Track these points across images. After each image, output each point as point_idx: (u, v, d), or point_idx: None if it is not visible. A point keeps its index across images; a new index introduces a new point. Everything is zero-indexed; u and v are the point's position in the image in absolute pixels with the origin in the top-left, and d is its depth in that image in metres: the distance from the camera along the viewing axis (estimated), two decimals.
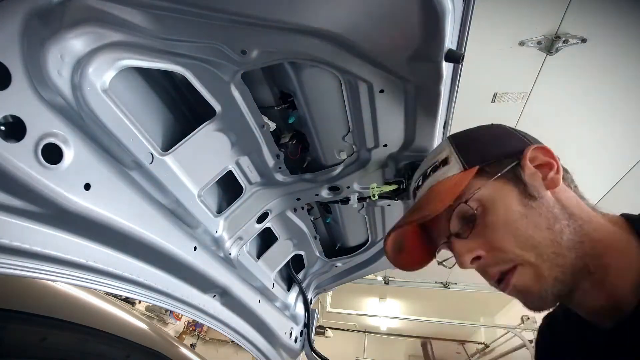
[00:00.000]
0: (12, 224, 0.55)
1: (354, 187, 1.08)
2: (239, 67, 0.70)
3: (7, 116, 0.48)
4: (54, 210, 0.57)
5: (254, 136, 0.89)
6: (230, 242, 1.06)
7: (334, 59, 0.66)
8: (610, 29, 2.03)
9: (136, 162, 0.71)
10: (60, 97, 0.57)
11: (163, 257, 0.81)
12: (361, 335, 8.15)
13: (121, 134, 0.66)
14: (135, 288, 0.80)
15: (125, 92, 0.72)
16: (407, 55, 0.63)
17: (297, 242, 1.33)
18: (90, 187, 0.61)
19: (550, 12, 2.01)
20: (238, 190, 1.04)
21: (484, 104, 2.68)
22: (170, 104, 0.86)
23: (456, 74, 0.79)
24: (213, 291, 1.05)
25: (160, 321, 5.90)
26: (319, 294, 1.67)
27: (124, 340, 1.27)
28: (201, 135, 0.82)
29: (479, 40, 2.18)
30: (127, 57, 0.64)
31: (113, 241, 0.71)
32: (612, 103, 2.45)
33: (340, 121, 0.88)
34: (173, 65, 0.71)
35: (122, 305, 1.46)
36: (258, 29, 0.60)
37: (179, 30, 0.63)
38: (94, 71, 0.60)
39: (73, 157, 0.57)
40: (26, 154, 0.50)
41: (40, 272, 0.60)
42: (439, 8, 0.54)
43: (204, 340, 7.04)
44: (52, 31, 0.53)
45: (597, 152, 2.82)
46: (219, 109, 0.80)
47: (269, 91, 0.84)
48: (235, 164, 0.96)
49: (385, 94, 0.75)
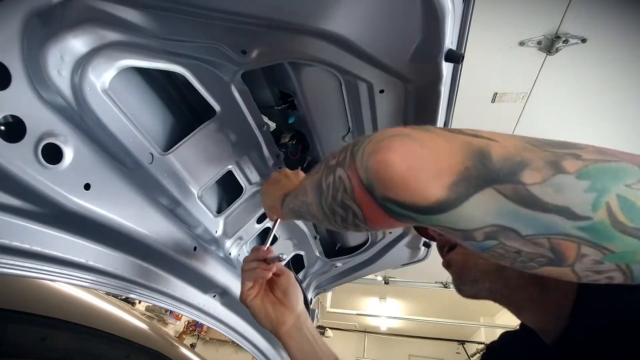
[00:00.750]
0: (12, 224, 0.55)
1: None
2: (239, 67, 0.70)
3: (7, 116, 0.48)
4: (54, 210, 0.57)
5: (254, 136, 0.89)
6: (230, 242, 1.06)
7: (334, 59, 0.66)
8: (610, 29, 2.03)
9: (136, 162, 0.71)
10: (60, 97, 0.57)
11: (163, 257, 0.81)
12: (361, 335, 8.15)
13: (121, 134, 0.66)
14: (135, 288, 0.80)
15: (125, 92, 0.72)
16: (407, 55, 0.63)
17: (297, 242, 1.33)
18: (90, 187, 0.61)
19: (550, 12, 2.01)
20: (238, 190, 1.04)
21: (484, 104, 2.68)
22: (170, 104, 0.86)
23: (456, 74, 0.79)
24: (213, 291, 1.05)
25: (160, 321, 5.90)
26: (319, 294, 1.67)
27: (124, 340, 1.27)
28: (201, 135, 0.82)
29: (479, 40, 2.18)
30: (127, 57, 0.64)
31: (113, 241, 0.71)
32: (612, 103, 2.45)
33: (340, 121, 0.88)
34: (173, 65, 0.71)
35: (122, 305, 1.47)
36: (258, 29, 0.60)
37: (179, 30, 0.63)
38: (94, 71, 0.60)
39: (73, 157, 0.57)
40: (26, 154, 0.50)
41: (40, 272, 0.60)
42: (439, 8, 0.54)
43: (204, 340, 7.04)
44: (52, 31, 0.54)
45: None
46: (218, 109, 0.80)
47: (269, 91, 0.84)
48: (235, 164, 0.96)
49: (385, 94, 0.75)
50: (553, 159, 0.31)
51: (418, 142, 0.34)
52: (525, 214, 0.30)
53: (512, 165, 0.31)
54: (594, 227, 0.29)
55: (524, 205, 0.30)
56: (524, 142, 0.33)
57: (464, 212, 0.32)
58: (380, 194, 0.35)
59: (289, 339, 0.80)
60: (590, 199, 0.29)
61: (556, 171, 0.30)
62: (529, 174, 0.30)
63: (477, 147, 0.33)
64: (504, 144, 0.32)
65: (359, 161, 0.38)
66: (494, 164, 0.31)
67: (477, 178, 0.31)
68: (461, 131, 0.35)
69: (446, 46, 0.61)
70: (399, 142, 0.35)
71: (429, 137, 0.35)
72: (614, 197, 0.29)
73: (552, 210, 0.30)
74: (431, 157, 0.33)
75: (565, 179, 0.30)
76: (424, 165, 0.33)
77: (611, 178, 0.29)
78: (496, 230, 0.32)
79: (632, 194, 0.29)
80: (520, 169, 0.30)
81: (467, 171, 0.32)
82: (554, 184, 0.30)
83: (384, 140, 0.36)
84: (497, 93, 2.60)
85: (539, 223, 0.30)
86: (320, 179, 0.47)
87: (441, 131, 0.36)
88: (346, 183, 0.40)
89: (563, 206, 0.29)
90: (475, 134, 0.34)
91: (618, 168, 0.30)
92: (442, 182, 0.32)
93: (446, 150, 0.33)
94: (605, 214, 0.29)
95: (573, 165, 0.30)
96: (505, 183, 0.31)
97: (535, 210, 0.30)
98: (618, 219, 0.29)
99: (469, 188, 0.31)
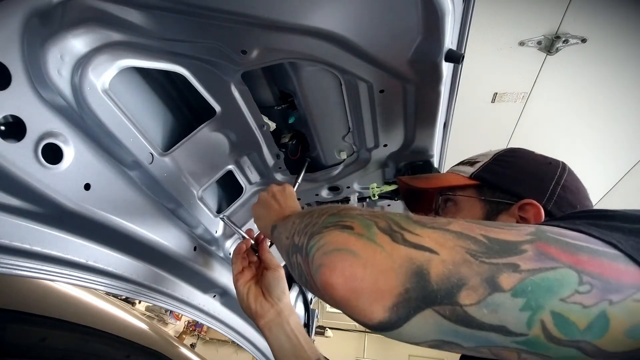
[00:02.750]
0: (12, 224, 0.55)
1: (354, 187, 1.08)
2: (239, 67, 0.70)
3: (7, 116, 0.49)
4: (54, 210, 0.57)
5: (254, 136, 0.89)
6: (230, 242, 1.06)
7: (334, 59, 0.66)
8: (610, 29, 2.03)
9: (136, 162, 0.71)
10: (60, 97, 0.57)
11: (163, 257, 0.81)
12: (361, 335, 8.15)
13: (121, 134, 0.66)
14: (135, 288, 0.80)
15: (125, 92, 0.72)
16: (407, 55, 0.63)
17: None
18: (90, 187, 0.61)
19: (550, 12, 2.01)
20: (238, 190, 1.04)
21: (484, 104, 2.68)
22: (170, 104, 0.86)
23: (456, 74, 0.79)
24: (213, 291, 1.05)
25: (160, 321, 5.90)
26: None
27: (124, 340, 1.27)
28: (201, 135, 0.82)
29: (479, 40, 2.19)
30: (127, 57, 0.64)
31: (113, 241, 0.71)
32: (612, 103, 2.46)
33: (340, 121, 0.88)
34: (173, 65, 0.71)
35: (122, 305, 1.46)
36: (258, 29, 0.60)
37: (179, 30, 0.63)
38: (94, 71, 0.60)
39: (73, 157, 0.57)
40: (26, 154, 0.50)
41: (40, 272, 0.60)
42: (439, 8, 0.54)
43: (204, 340, 7.04)
44: (52, 31, 0.53)
45: (597, 152, 2.82)
46: (218, 109, 0.80)
47: (269, 91, 0.84)
48: (235, 164, 0.96)
49: (385, 94, 0.75)
50: (489, 274, 0.32)
51: (361, 261, 0.36)
52: (464, 331, 0.32)
53: (449, 286, 0.32)
54: (530, 342, 0.31)
55: (462, 325, 0.32)
56: (464, 253, 0.34)
57: (406, 331, 0.34)
58: (331, 303, 0.38)
59: (267, 332, 0.83)
60: (524, 318, 0.30)
61: (492, 290, 0.31)
62: (466, 294, 0.32)
63: (417, 265, 0.34)
64: (443, 258, 0.33)
65: (312, 267, 0.40)
66: (432, 285, 0.33)
67: (416, 300, 0.33)
68: (404, 239, 0.36)
69: (446, 46, 0.61)
70: (342, 261, 0.36)
71: (372, 253, 0.36)
72: (547, 314, 0.30)
73: (489, 328, 0.31)
74: (372, 278, 0.34)
75: (501, 298, 0.31)
76: (365, 287, 0.35)
77: (546, 293, 0.30)
78: (439, 343, 0.35)
79: (566, 308, 0.30)
80: (457, 290, 0.32)
81: (406, 293, 0.33)
82: (490, 304, 0.31)
83: (329, 255, 0.38)
84: (497, 93, 2.60)
85: (478, 339, 0.32)
86: (288, 251, 0.52)
87: (386, 240, 0.37)
88: (306, 275, 0.44)
89: (498, 325, 0.31)
90: (418, 244, 0.35)
91: (555, 279, 0.31)
92: (382, 304, 0.34)
93: (388, 269, 0.34)
94: (539, 330, 0.30)
95: (509, 281, 0.31)
96: (443, 304, 0.32)
97: (473, 329, 0.32)
98: (553, 335, 0.30)
99: (409, 310, 0.33)
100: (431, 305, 0.32)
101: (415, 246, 0.35)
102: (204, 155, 0.86)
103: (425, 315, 0.33)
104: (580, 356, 0.30)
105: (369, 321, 0.35)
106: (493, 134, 2.98)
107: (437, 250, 0.34)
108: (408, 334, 0.34)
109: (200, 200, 0.89)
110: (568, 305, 0.30)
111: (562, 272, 0.31)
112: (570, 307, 0.30)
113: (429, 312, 0.33)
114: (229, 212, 1.03)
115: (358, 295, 0.35)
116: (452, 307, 0.32)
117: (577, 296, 0.30)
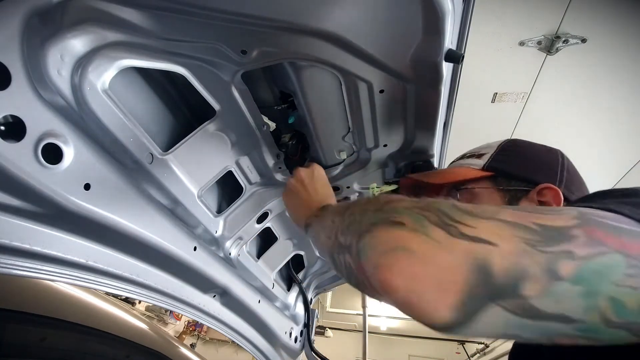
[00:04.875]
0: (12, 224, 0.55)
1: (354, 187, 1.08)
2: (239, 67, 0.70)
3: (7, 116, 0.49)
4: (54, 210, 0.57)
5: (254, 136, 0.89)
6: (230, 242, 1.06)
7: (335, 59, 0.66)
8: (610, 29, 2.03)
9: (136, 162, 0.71)
10: (60, 97, 0.57)
11: (163, 257, 0.81)
12: (361, 335, 8.14)
13: (121, 134, 0.66)
14: (135, 288, 0.80)
15: (125, 92, 0.72)
16: (407, 55, 0.63)
17: (297, 242, 1.33)
18: (90, 187, 0.61)
19: (550, 12, 2.01)
20: (238, 190, 1.04)
21: (484, 104, 2.68)
22: (170, 104, 0.86)
23: (456, 74, 0.79)
24: (213, 291, 1.05)
25: (160, 321, 5.90)
26: (319, 293, 1.67)
27: (124, 340, 1.27)
28: (201, 135, 0.82)
29: (479, 40, 2.18)
30: (127, 57, 0.64)
31: (113, 241, 0.71)
32: (612, 103, 2.45)
33: (340, 121, 0.88)
34: (173, 65, 0.71)
35: (122, 305, 1.47)
36: (258, 29, 0.60)
37: (179, 30, 0.63)
38: (94, 71, 0.60)
39: (73, 157, 0.57)
40: (26, 154, 0.50)
41: (40, 272, 0.60)
42: (439, 9, 0.54)
43: (204, 340, 7.04)
44: (52, 31, 0.53)
45: (597, 151, 2.82)
46: (218, 109, 0.80)
47: (269, 91, 0.84)
48: (235, 164, 0.96)
49: (385, 94, 0.75)
50: (548, 263, 0.32)
51: (420, 259, 0.34)
52: (528, 323, 0.32)
53: (513, 279, 0.32)
54: (589, 327, 0.32)
55: (528, 317, 0.32)
56: (522, 243, 0.33)
57: (472, 330, 0.33)
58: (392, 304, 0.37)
59: None
60: (584, 304, 0.31)
61: (553, 279, 0.31)
62: (529, 286, 0.31)
63: (479, 259, 0.33)
64: (503, 250, 0.33)
65: (366, 268, 0.39)
66: (495, 279, 0.32)
67: (481, 296, 0.32)
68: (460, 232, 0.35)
69: (446, 46, 0.61)
70: (399, 260, 0.35)
71: (430, 249, 0.35)
72: (605, 299, 0.31)
73: (551, 318, 0.32)
74: (433, 277, 0.33)
75: (562, 286, 0.31)
76: (426, 287, 0.33)
77: (602, 278, 0.31)
78: (501, 336, 0.34)
79: (620, 292, 0.31)
80: (521, 282, 0.32)
81: (470, 290, 0.32)
82: (552, 294, 0.31)
83: (385, 255, 0.37)
84: (497, 93, 2.60)
85: (540, 329, 0.33)
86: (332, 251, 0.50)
87: (442, 235, 0.35)
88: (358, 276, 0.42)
89: (560, 314, 0.31)
90: (476, 236, 0.34)
91: (608, 264, 0.31)
92: (446, 303, 0.33)
93: (448, 265, 0.33)
94: (597, 316, 0.31)
95: (567, 269, 0.31)
96: (508, 298, 0.32)
97: (537, 320, 0.32)
98: (609, 319, 0.31)
99: (475, 307, 0.32)
100: (496, 299, 0.32)
101: (474, 239, 0.34)
102: (203, 155, 0.86)
103: (491, 311, 0.32)
104: (628, 337, 0.31)
105: (434, 322, 0.34)
106: (493, 133, 2.98)
107: (495, 242, 0.33)
108: (474, 332, 0.34)
109: (200, 200, 0.89)
110: (621, 289, 0.31)
111: (612, 256, 0.31)
112: (623, 290, 0.31)
113: (495, 307, 0.32)
114: (229, 212, 1.03)
115: (420, 295, 0.33)
116: (517, 301, 0.31)
117: (627, 279, 0.31)
